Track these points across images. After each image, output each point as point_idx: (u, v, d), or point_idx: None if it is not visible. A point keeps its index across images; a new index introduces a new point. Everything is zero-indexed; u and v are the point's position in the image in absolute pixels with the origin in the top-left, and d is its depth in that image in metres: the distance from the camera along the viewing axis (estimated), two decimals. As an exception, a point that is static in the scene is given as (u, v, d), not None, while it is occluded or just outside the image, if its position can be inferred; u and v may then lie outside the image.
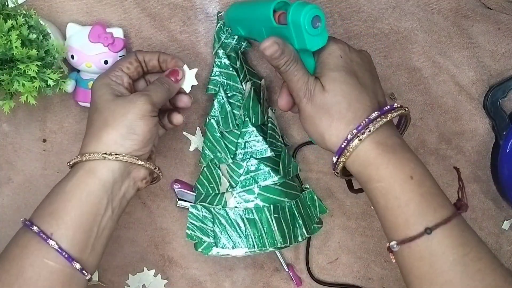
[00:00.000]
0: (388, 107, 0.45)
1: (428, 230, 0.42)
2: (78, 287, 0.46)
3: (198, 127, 0.63)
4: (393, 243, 0.44)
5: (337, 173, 0.47)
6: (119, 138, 0.47)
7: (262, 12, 0.49)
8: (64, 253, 0.44)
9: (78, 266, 0.45)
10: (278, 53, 0.46)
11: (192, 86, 0.55)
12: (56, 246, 0.44)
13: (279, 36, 0.47)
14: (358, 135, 0.44)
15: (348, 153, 0.44)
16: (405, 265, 0.44)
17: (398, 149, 0.44)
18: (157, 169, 0.51)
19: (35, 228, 0.45)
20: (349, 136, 0.44)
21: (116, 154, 0.47)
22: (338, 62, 0.46)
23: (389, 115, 0.44)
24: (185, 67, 0.55)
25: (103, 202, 0.47)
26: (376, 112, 0.44)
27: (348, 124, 0.44)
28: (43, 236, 0.44)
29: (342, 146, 0.44)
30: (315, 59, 0.48)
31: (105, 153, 0.46)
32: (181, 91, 0.55)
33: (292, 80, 0.47)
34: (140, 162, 0.48)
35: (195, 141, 0.64)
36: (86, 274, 0.46)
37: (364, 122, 0.44)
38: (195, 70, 0.55)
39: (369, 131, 0.43)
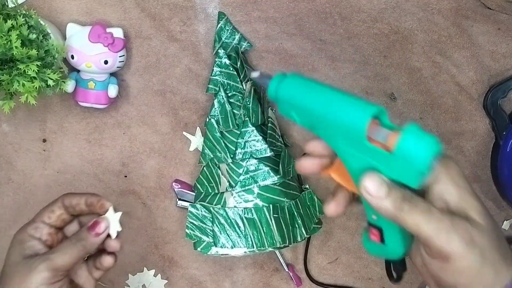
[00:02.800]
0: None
1: None
2: None
3: (198, 127, 0.63)
4: None
5: None
6: None
7: (347, 117, 0.36)
8: None
9: None
10: (385, 191, 0.35)
11: (118, 232, 0.50)
12: None
13: (366, 154, 0.36)
14: None
15: None
16: None
17: None
18: None
19: None
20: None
21: None
22: (471, 186, 0.37)
23: None
24: (110, 210, 0.49)
25: None
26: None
27: (500, 271, 0.35)
28: None
29: None
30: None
31: None
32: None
33: (429, 222, 0.34)
34: None
35: (195, 141, 0.64)
36: None
37: None
38: (119, 214, 0.50)
39: None
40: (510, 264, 0.35)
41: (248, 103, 0.59)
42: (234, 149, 0.58)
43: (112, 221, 0.50)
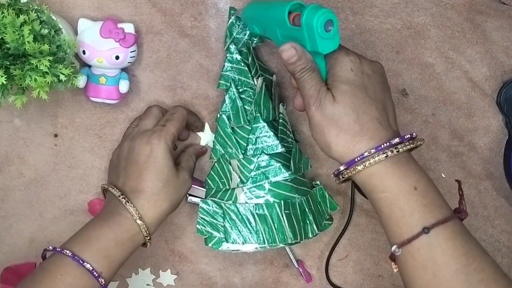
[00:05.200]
0: (409, 135, 0.47)
1: (425, 230, 0.43)
2: None
3: (206, 123, 0.63)
4: (394, 247, 0.45)
5: (338, 180, 0.49)
6: (170, 212, 0.57)
7: (277, 13, 0.50)
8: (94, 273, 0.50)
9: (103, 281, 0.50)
10: (295, 59, 0.48)
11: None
12: (103, 283, 0.50)
13: (293, 38, 0.48)
14: (374, 155, 0.45)
15: (359, 168, 0.46)
16: (408, 274, 0.45)
17: (402, 160, 0.46)
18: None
19: (88, 265, 0.50)
20: (366, 154, 0.46)
21: (149, 239, 0.55)
22: (348, 75, 0.47)
23: (408, 145, 0.46)
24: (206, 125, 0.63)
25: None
26: (397, 139, 0.46)
27: (355, 136, 0.46)
28: (95, 273, 0.50)
29: (356, 160, 0.46)
30: (327, 67, 0.49)
31: (148, 235, 0.54)
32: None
33: (304, 87, 0.48)
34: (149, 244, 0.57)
35: (205, 137, 0.64)
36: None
37: (384, 145, 0.45)
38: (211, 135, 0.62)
39: (386, 156, 0.45)
40: (358, 141, 0.46)
41: (259, 98, 0.58)
42: (245, 145, 0.58)
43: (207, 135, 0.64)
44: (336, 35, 0.47)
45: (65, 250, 0.49)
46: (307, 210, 0.59)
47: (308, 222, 0.59)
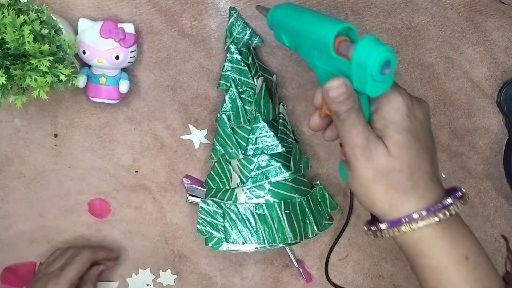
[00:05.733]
0: (459, 193, 0.42)
1: None
2: None
3: (189, 125, 0.63)
4: None
5: (374, 235, 0.43)
6: None
7: (319, 33, 0.42)
8: None
9: None
10: (344, 97, 0.39)
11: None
12: None
13: (334, 68, 0.41)
14: (424, 217, 0.40)
15: (404, 230, 0.40)
16: None
17: (453, 224, 0.41)
18: None
19: None
20: (415, 216, 0.40)
21: None
22: (403, 122, 0.41)
23: (460, 206, 0.41)
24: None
25: None
26: (449, 199, 0.41)
27: (405, 193, 0.40)
28: None
29: (403, 220, 0.40)
30: (372, 107, 0.42)
31: None
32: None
33: (349, 132, 0.40)
34: None
35: (196, 138, 0.64)
36: None
37: (436, 206, 0.40)
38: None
39: (438, 219, 0.40)
40: (407, 199, 0.40)
41: (259, 98, 0.58)
42: (245, 145, 0.58)
43: None
44: (390, 77, 0.39)
45: None
46: (307, 210, 0.59)
47: (308, 222, 0.59)
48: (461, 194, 0.41)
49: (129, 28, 0.58)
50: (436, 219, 0.39)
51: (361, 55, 0.38)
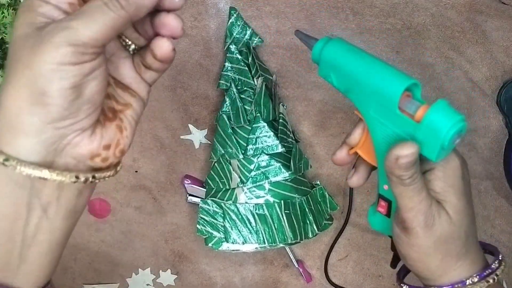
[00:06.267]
0: (500, 256, 0.41)
1: None
2: None
3: (189, 125, 0.63)
4: None
5: None
6: (24, 112, 0.30)
7: (384, 86, 0.38)
8: None
9: None
10: (412, 162, 0.36)
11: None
12: None
13: (395, 125, 0.38)
14: (476, 283, 0.39)
15: None
16: None
17: (497, 285, 0.40)
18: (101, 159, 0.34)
19: None
20: (468, 282, 0.39)
21: (17, 159, 0.30)
22: (461, 186, 0.39)
23: (503, 268, 0.41)
24: None
25: (20, 202, 0.32)
26: (496, 262, 0.40)
27: (459, 259, 0.39)
28: None
29: (456, 286, 0.39)
30: (425, 164, 0.39)
31: (5, 159, 0.30)
32: None
33: (412, 198, 0.38)
34: (48, 176, 0.31)
35: (196, 138, 0.64)
36: None
37: (486, 271, 0.40)
38: None
39: (488, 284, 0.39)
40: (460, 265, 0.39)
41: (259, 98, 0.58)
42: (245, 145, 0.58)
43: None
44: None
45: None
46: (307, 210, 0.59)
47: (308, 222, 0.59)
48: (501, 256, 0.41)
49: (129, 28, 0.58)
50: (486, 284, 0.39)
51: (435, 123, 0.35)
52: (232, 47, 0.59)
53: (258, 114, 0.58)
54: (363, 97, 0.40)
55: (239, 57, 0.59)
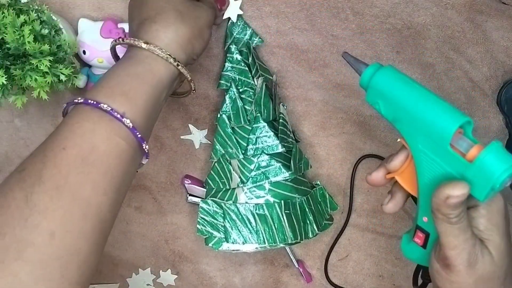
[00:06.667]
0: None
1: None
2: (135, 167, 0.45)
3: (189, 125, 0.63)
4: None
5: None
6: (190, 37, 0.48)
7: (436, 122, 0.37)
8: (138, 134, 0.43)
9: (147, 147, 0.45)
10: (462, 203, 0.37)
11: (238, 15, 0.59)
12: (130, 125, 0.42)
13: (443, 160, 0.38)
14: None
15: None
16: None
17: None
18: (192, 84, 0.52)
19: (105, 106, 0.42)
20: None
21: (178, 62, 0.47)
22: (504, 225, 0.39)
23: None
24: None
25: (165, 91, 0.47)
26: None
27: None
28: (117, 114, 0.42)
29: None
30: (469, 201, 0.38)
31: (169, 56, 0.46)
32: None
33: (458, 236, 0.37)
34: (189, 77, 0.49)
35: (196, 138, 0.64)
36: (147, 157, 0.46)
37: None
38: (239, 2, 0.59)
39: None
40: None
41: (259, 98, 0.58)
42: (245, 145, 0.58)
43: (232, 5, 0.59)
44: None
45: (78, 98, 0.43)
46: (307, 210, 0.59)
47: (308, 222, 0.59)
48: None
49: (129, 28, 0.58)
50: None
51: (488, 165, 0.35)
52: (232, 47, 0.59)
53: (258, 114, 0.58)
54: (412, 129, 0.39)
55: (239, 57, 0.59)
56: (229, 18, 0.61)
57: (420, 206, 0.41)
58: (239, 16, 0.61)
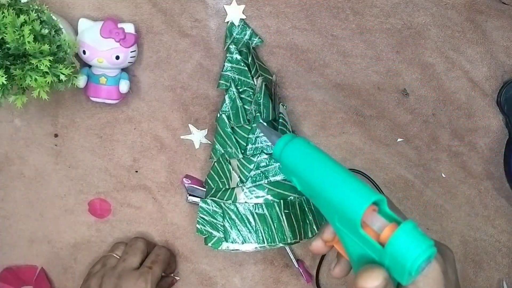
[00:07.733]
0: None
1: None
2: None
3: (189, 125, 0.63)
4: None
5: None
6: None
7: (345, 203, 0.35)
8: None
9: None
10: None
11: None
12: None
13: (360, 240, 0.35)
14: None
15: None
16: None
17: None
18: None
19: None
20: None
21: None
22: None
23: None
24: None
25: None
26: None
27: None
28: None
29: None
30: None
31: None
32: None
33: None
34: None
35: (196, 138, 0.64)
36: None
37: None
38: (242, 6, 0.59)
39: None
40: None
41: (259, 98, 0.58)
42: (245, 144, 0.58)
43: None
44: None
45: None
46: (306, 209, 0.59)
47: (307, 221, 0.59)
48: None
49: (129, 28, 0.58)
50: None
51: (400, 250, 0.33)
52: (232, 47, 0.59)
53: (258, 114, 0.58)
54: (327, 208, 0.37)
55: (239, 57, 0.59)
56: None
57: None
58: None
